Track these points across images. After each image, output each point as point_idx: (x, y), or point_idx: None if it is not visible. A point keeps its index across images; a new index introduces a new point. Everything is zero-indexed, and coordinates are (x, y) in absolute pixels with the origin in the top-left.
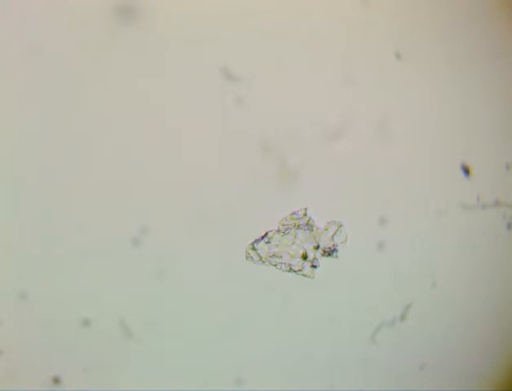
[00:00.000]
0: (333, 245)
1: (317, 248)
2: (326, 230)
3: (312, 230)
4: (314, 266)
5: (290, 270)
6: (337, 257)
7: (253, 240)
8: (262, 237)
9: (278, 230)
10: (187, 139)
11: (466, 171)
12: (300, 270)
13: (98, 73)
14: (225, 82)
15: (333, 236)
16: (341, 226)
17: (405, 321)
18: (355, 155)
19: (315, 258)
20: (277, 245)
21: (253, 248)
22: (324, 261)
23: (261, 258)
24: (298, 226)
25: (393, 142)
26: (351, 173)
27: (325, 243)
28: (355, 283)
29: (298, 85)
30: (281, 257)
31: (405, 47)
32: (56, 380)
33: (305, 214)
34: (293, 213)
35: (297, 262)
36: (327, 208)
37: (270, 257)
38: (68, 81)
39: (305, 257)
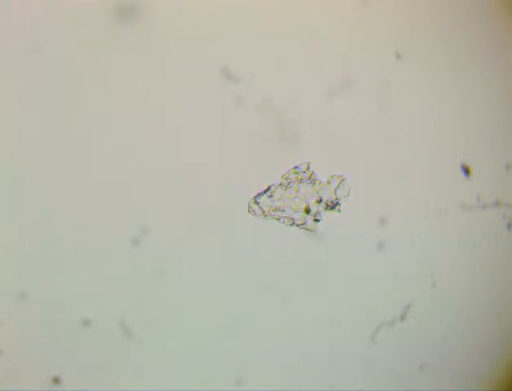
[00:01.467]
0: (336, 199)
1: (320, 201)
2: (329, 183)
3: (315, 183)
4: (316, 220)
5: (293, 223)
6: (339, 211)
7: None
8: (265, 191)
9: (281, 184)
10: (187, 139)
11: (466, 171)
12: (303, 224)
13: (98, 73)
14: (225, 82)
15: (335, 190)
16: (343, 179)
17: (405, 321)
18: (355, 155)
19: (317, 212)
20: (280, 199)
21: (256, 203)
22: (323, 261)
23: (263, 212)
24: (301, 179)
25: (393, 142)
26: (353, 174)
27: (328, 196)
28: (355, 283)
29: (298, 85)
30: (284, 210)
31: (405, 47)
32: (56, 380)
33: (307, 168)
34: (296, 167)
35: (300, 216)
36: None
37: (273, 210)
38: (68, 81)
39: (308, 211)
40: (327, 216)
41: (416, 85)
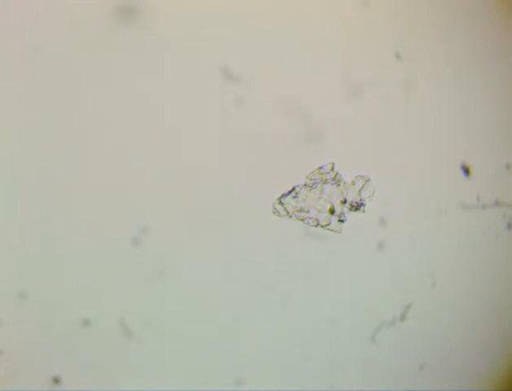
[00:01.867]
0: (361, 199)
1: (344, 202)
2: (353, 184)
3: (339, 184)
4: (341, 221)
5: (317, 224)
6: (364, 211)
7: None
8: (290, 191)
9: (305, 185)
10: (187, 139)
11: (466, 171)
12: (327, 225)
13: (98, 73)
14: (225, 82)
15: (360, 191)
16: (368, 180)
17: (405, 321)
18: (355, 155)
19: (342, 213)
20: (304, 200)
21: (281, 203)
22: (323, 261)
23: (288, 213)
24: (325, 180)
25: (393, 142)
26: (353, 174)
27: (352, 197)
28: (355, 283)
29: (298, 85)
30: (308, 211)
31: (405, 47)
32: (56, 380)
33: (332, 169)
34: (320, 168)
35: (325, 217)
36: None
37: (297, 211)
38: (68, 81)
39: (332, 212)
40: None
41: (416, 85)
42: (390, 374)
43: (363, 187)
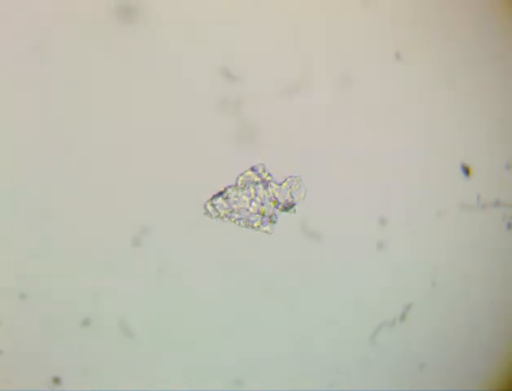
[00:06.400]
0: (291, 200)
1: (275, 203)
2: (284, 185)
3: (270, 185)
4: (272, 222)
5: (248, 226)
6: (294, 211)
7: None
8: (221, 193)
9: (236, 186)
10: (186, 139)
11: (466, 171)
12: (258, 226)
13: (98, 73)
14: (225, 82)
15: (290, 191)
16: (299, 181)
17: (405, 321)
18: (355, 155)
19: (273, 214)
20: (236, 201)
21: (212, 205)
22: (323, 260)
23: (219, 214)
24: (257, 181)
25: (393, 142)
26: (353, 174)
27: (283, 198)
28: (355, 283)
29: (299, 85)
30: (240, 212)
31: (405, 47)
32: (56, 380)
33: (263, 170)
34: (252, 169)
35: (256, 218)
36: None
37: (228, 213)
38: (68, 81)
39: (263, 213)
40: (327, 216)
41: (416, 85)
42: (390, 374)
43: (293, 188)
